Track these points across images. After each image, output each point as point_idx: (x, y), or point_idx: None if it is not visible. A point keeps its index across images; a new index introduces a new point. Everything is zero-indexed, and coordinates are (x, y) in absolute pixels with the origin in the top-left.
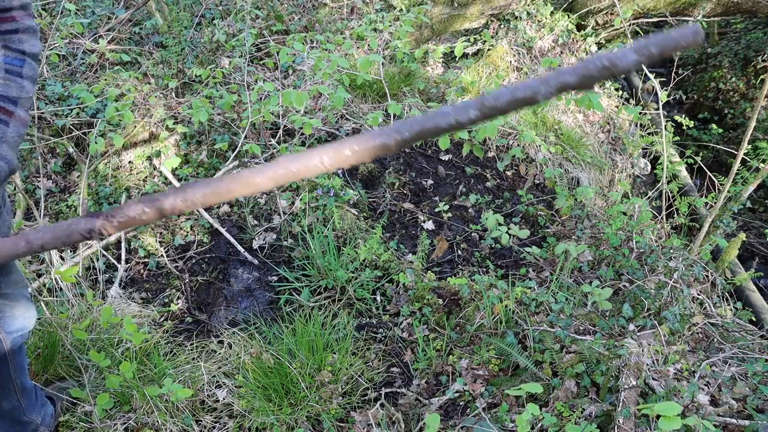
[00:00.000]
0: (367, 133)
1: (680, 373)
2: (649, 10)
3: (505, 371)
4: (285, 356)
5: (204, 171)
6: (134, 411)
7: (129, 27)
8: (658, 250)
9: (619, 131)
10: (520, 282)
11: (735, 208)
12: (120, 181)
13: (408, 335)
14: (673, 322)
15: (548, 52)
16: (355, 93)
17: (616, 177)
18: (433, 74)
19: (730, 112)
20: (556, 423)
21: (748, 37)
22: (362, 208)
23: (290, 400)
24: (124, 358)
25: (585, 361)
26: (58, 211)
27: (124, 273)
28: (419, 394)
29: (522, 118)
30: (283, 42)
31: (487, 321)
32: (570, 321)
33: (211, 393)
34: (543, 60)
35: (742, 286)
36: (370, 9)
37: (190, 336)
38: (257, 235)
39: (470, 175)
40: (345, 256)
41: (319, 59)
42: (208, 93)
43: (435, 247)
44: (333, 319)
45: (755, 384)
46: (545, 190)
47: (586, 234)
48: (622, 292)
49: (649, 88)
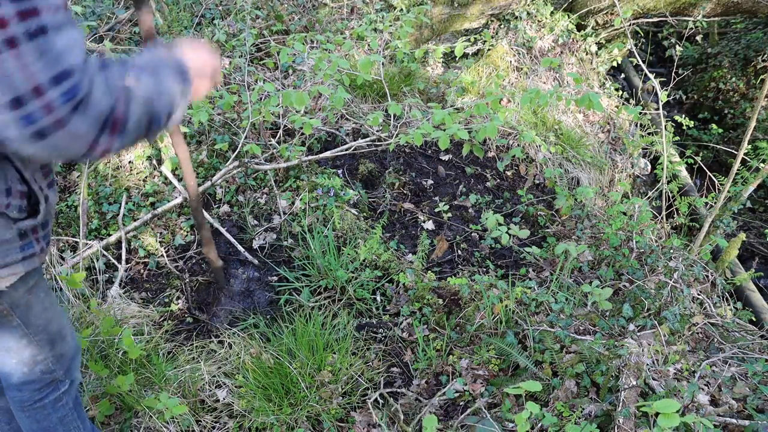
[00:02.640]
0: None
1: (680, 373)
2: (649, 10)
3: (505, 371)
4: (285, 356)
5: (204, 171)
6: (135, 416)
7: (129, 27)
8: (658, 250)
9: (619, 131)
10: (520, 282)
11: (735, 208)
12: (120, 181)
13: (408, 335)
14: (673, 322)
15: (548, 52)
16: (355, 93)
17: (616, 177)
18: (433, 74)
19: (730, 112)
20: (556, 423)
21: (748, 37)
22: (362, 208)
23: (290, 400)
24: (124, 361)
25: (585, 361)
26: (59, 211)
27: (124, 273)
28: (419, 394)
29: (522, 118)
30: (283, 42)
31: (487, 321)
32: (570, 321)
33: (211, 393)
34: (543, 60)
35: (742, 286)
36: (370, 9)
37: (190, 336)
38: (257, 235)
39: (470, 175)
40: (345, 256)
41: (319, 59)
42: (208, 93)
43: (435, 247)
44: (333, 319)
45: (755, 384)
46: (545, 190)
47: (586, 234)
48: (622, 292)
49: (649, 88)
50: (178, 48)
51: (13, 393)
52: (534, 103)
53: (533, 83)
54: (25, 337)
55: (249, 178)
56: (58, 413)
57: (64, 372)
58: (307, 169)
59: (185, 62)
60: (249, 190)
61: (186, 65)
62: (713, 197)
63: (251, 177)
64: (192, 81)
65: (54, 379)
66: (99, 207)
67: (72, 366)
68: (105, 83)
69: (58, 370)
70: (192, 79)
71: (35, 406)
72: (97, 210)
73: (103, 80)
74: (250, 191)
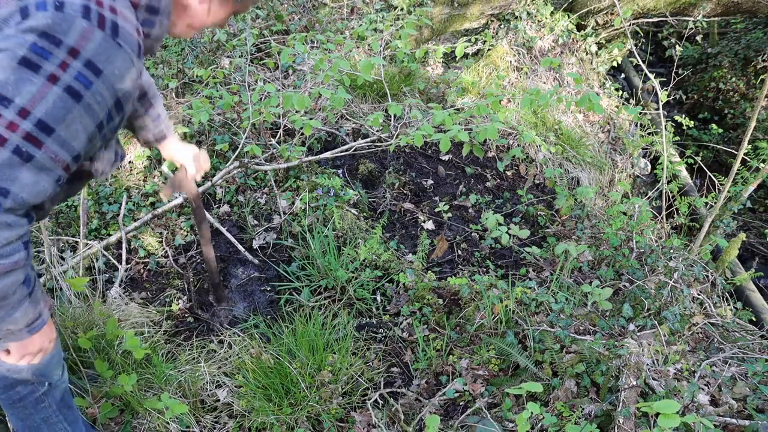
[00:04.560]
0: None
1: (680, 373)
2: (649, 10)
3: (505, 371)
4: (285, 356)
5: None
6: (136, 416)
7: None
8: (658, 250)
9: (619, 131)
10: (520, 282)
11: (735, 208)
12: (120, 181)
13: (408, 335)
14: (673, 322)
15: (548, 52)
16: (356, 93)
17: (616, 177)
18: (433, 74)
19: (730, 112)
20: (556, 423)
21: (748, 37)
22: (362, 208)
23: (290, 400)
24: (124, 360)
25: (585, 361)
26: (59, 211)
27: (124, 273)
28: (419, 394)
29: (522, 119)
30: (284, 42)
31: (487, 321)
32: (570, 321)
33: (211, 393)
34: (543, 60)
35: (742, 286)
36: (370, 9)
37: (190, 336)
38: (257, 234)
39: (470, 175)
40: (345, 256)
41: (320, 60)
42: (209, 93)
43: (435, 247)
44: (333, 319)
45: (755, 384)
46: (545, 190)
47: (586, 234)
48: (622, 292)
49: (649, 88)
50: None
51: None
52: (534, 103)
53: (533, 83)
54: None
55: (249, 178)
56: (41, 414)
57: (36, 375)
58: (307, 169)
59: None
60: (249, 190)
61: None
62: (713, 197)
63: (251, 177)
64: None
65: (22, 381)
66: (99, 207)
67: (47, 370)
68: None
69: (24, 372)
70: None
71: (16, 405)
72: (97, 210)
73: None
74: (250, 191)
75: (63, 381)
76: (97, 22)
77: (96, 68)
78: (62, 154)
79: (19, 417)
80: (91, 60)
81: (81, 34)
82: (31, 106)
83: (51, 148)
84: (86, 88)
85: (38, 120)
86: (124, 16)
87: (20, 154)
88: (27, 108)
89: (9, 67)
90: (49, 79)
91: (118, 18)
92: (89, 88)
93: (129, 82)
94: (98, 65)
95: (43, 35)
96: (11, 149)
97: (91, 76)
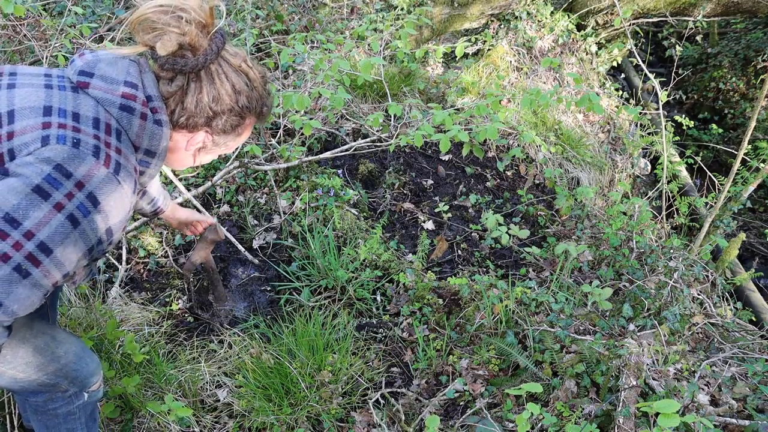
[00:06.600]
0: None
1: (680, 373)
2: (649, 10)
3: (505, 371)
4: (285, 356)
5: (204, 171)
6: (136, 416)
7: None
8: (658, 250)
9: (619, 131)
10: (520, 282)
11: (735, 208)
12: None
13: (408, 335)
14: (673, 322)
15: (548, 52)
16: (356, 93)
17: (616, 177)
18: (433, 74)
19: (730, 112)
20: (556, 423)
21: (748, 37)
22: (362, 208)
23: (290, 400)
24: (125, 360)
25: (585, 361)
26: None
27: (124, 273)
28: (419, 394)
29: (522, 118)
30: (284, 42)
31: (487, 321)
32: (570, 321)
33: (211, 393)
34: (543, 60)
35: (742, 286)
36: (370, 9)
37: (190, 336)
38: (257, 234)
39: (470, 175)
40: (345, 256)
41: (320, 60)
42: None
43: (435, 247)
44: (333, 319)
45: (755, 384)
46: (545, 190)
47: (586, 234)
48: (622, 292)
49: (649, 88)
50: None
51: (27, 395)
52: (534, 103)
53: (533, 83)
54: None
55: (249, 178)
56: (68, 425)
57: (70, 383)
58: (307, 169)
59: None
60: (249, 190)
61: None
62: (713, 197)
63: (251, 177)
64: None
65: (62, 391)
66: None
67: (86, 382)
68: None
69: (61, 383)
70: None
71: (49, 413)
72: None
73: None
74: (250, 191)
75: (97, 393)
76: (104, 160)
77: (95, 199)
78: (55, 273)
79: (45, 425)
80: (92, 192)
81: (89, 169)
82: (36, 229)
83: (47, 267)
84: (84, 216)
85: (40, 242)
86: (126, 156)
87: (20, 271)
88: (32, 231)
89: (23, 192)
90: (55, 206)
91: (121, 158)
92: (86, 216)
93: (122, 214)
94: (98, 197)
95: (58, 167)
96: (13, 266)
97: (90, 206)
